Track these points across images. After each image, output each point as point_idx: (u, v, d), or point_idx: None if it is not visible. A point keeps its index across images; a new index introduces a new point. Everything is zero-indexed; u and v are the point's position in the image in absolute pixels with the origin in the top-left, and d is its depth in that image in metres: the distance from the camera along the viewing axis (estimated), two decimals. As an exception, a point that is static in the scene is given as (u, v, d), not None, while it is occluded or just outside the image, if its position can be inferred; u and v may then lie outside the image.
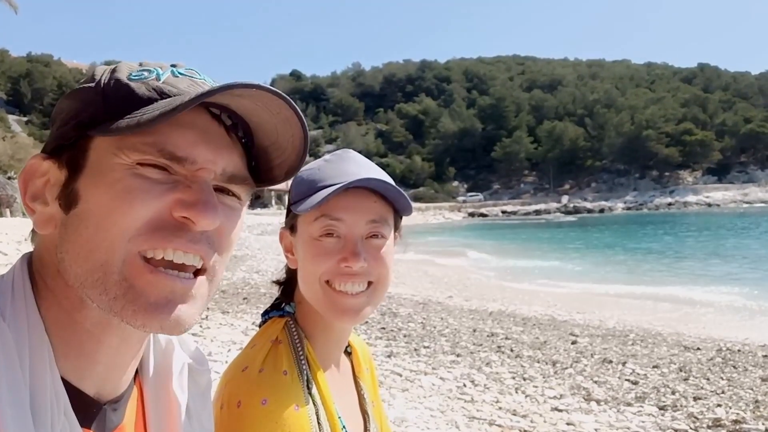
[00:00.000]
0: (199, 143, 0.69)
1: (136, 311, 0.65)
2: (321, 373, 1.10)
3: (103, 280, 0.65)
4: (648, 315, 10.56)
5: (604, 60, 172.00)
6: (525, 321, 9.11)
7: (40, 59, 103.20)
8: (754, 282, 15.19)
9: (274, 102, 0.70)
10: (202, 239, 0.69)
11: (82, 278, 0.66)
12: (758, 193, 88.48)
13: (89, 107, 0.68)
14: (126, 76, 0.69)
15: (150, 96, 0.67)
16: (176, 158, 0.67)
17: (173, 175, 0.68)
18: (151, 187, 0.66)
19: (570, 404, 4.98)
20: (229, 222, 0.72)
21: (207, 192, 0.68)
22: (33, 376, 0.63)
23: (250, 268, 14.59)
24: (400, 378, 5.45)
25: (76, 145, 0.68)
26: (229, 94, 0.67)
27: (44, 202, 0.70)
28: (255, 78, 19.18)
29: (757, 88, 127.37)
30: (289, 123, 0.73)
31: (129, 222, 0.65)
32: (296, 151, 0.76)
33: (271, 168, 0.78)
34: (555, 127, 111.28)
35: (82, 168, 0.68)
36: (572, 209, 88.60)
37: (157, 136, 0.66)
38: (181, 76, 0.71)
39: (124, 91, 0.68)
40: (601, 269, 19.38)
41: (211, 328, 6.71)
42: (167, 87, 0.69)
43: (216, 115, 0.71)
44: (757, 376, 6.04)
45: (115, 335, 0.70)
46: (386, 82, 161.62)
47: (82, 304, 0.68)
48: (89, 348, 0.70)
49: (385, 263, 1.13)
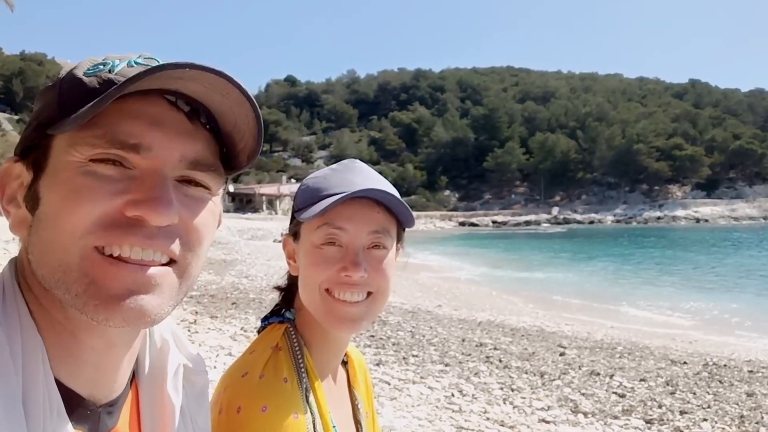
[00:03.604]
0: (152, 129, 0.66)
1: (98, 305, 0.63)
2: (318, 382, 1.10)
3: (64, 279, 0.64)
4: (634, 328, 10.62)
5: (596, 73, 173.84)
6: (514, 331, 9.13)
7: (33, 58, 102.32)
8: (744, 297, 15.32)
9: (219, 83, 0.66)
10: (159, 234, 0.66)
11: (47, 279, 0.65)
12: (746, 209, 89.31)
13: (48, 107, 0.68)
14: (83, 72, 0.68)
15: (99, 89, 0.65)
16: (129, 146, 0.65)
17: (128, 169, 0.66)
18: (101, 186, 0.64)
19: (557, 416, 5.00)
20: (193, 214, 0.70)
21: (160, 186, 0.66)
22: (26, 376, 0.62)
23: (240, 273, 14.52)
24: (388, 386, 5.44)
25: (39, 145, 0.68)
26: (168, 76, 0.64)
27: (17, 205, 0.70)
28: (249, 82, 18.93)
29: (747, 105, 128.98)
30: (241, 104, 0.69)
31: (77, 221, 0.63)
32: (252, 134, 0.73)
33: (236, 154, 0.75)
34: (547, 139, 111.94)
35: (44, 169, 0.67)
36: (562, 221, 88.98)
37: (108, 127, 0.65)
38: (136, 65, 0.67)
39: (76, 87, 0.67)
40: (590, 280, 19.48)
41: (200, 333, 6.68)
42: (117, 78, 0.65)
43: (172, 102, 0.69)
44: (743, 391, 6.10)
45: (96, 337, 0.69)
46: (381, 89, 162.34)
47: (59, 306, 0.67)
48: (75, 349, 0.69)
49: (385, 274, 1.13)
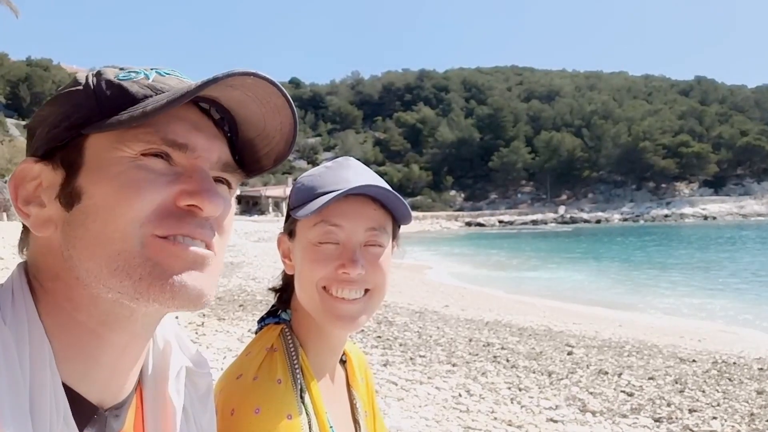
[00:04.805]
0: (195, 132, 0.72)
1: (164, 285, 0.67)
2: (314, 382, 1.09)
3: (124, 267, 0.66)
4: (641, 327, 10.56)
5: (601, 71, 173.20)
6: (521, 331, 9.09)
7: (39, 63, 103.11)
8: (751, 294, 15.22)
9: (266, 90, 0.71)
10: (206, 225, 0.71)
11: (97, 271, 0.66)
12: (754, 206, 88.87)
13: (81, 109, 0.70)
14: (114, 76, 0.72)
15: (144, 93, 0.70)
16: (177, 145, 0.70)
17: (173, 166, 0.70)
18: (156, 178, 0.68)
19: (565, 415, 4.96)
20: (226, 209, 0.75)
21: (208, 180, 0.71)
22: (33, 380, 0.63)
23: (247, 275, 14.54)
24: (395, 387, 5.42)
25: (69, 145, 0.70)
26: (225, 84, 0.68)
27: (40, 204, 0.70)
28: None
29: (754, 101, 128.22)
30: (279, 111, 0.75)
31: (137, 211, 0.66)
32: (285, 139, 0.78)
33: (258, 158, 0.80)
34: (552, 138, 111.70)
35: (80, 166, 0.69)
36: (569, 220, 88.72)
37: (158, 126, 0.69)
38: (167, 75, 0.74)
39: (116, 90, 0.70)
40: (597, 279, 19.40)
41: (207, 335, 6.69)
42: (159, 84, 0.71)
43: (205, 109, 0.75)
44: (753, 389, 6.04)
45: (125, 331, 0.71)
46: (385, 90, 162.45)
47: (90, 302, 0.68)
48: (93, 351, 0.70)
49: (382, 271, 1.13)
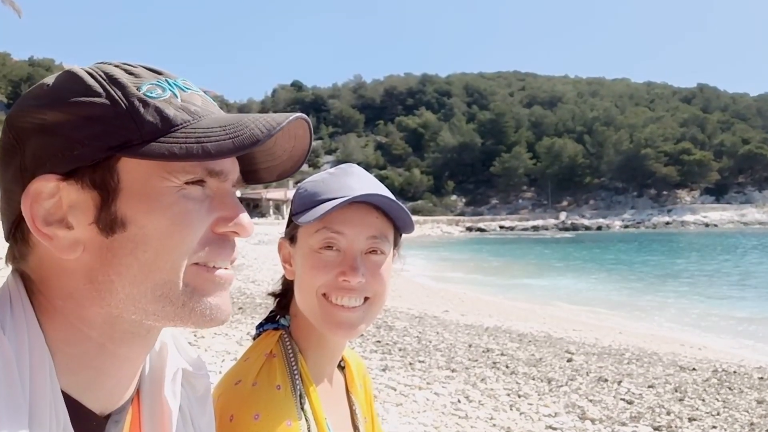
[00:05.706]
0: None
1: (204, 310, 0.71)
2: (314, 388, 1.09)
3: (168, 294, 0.69)
4: (643, 333, 10.54)
5: (604, 78, 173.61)
6: (521, 337, 9.07)
7: (41, 63, 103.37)
8: (753, 302, 15.19)
9: (296, 123, 0.74)
10: (235, 247, 0.75)
11: (140, 297, 0.68)
12: (755, 214, 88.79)
13: (115, 128, 0.65)
14: (140, 92, 0.68)
15: (183, 118, 0.69)
16: (215, 173, 0.72)
17: (206, 189, 0.72)
18: (199, 208, 0.70)
19: (564, 422, 4.95)
20: None
21: (240, 205, 0.74)
22: (33, 390, 0.62)
23: (246, 278, 14.53)
24: (394, 392, 5.41)
25: (100, 165, 0.66)
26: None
27: (67, 227, 0.66)
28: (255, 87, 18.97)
29: (756, 109, 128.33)
30: (296, 138, 0.77)
31: (188, 244, 0.69)
32: (293, 161, 0.80)
33: (255, 170, 0.82)
34: (554, 144, 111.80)
35: (119, 190, 0.67)
36: (570, 226, 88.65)
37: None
38: (189, 91, 0.73)
39: (155, 113, 0.67)
40: (598, 286, 19.38)
41: (206, 338, 6.67)
42: (191, 106, 0.71)
43: None
44: (753, 398, 6.02)
45: (136, 345, 0.73)
46: (387, 94, 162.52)
47: (105, 321, 0.69)
48: (100, 363, 0.70)
49: (383, 280, 1.13)
